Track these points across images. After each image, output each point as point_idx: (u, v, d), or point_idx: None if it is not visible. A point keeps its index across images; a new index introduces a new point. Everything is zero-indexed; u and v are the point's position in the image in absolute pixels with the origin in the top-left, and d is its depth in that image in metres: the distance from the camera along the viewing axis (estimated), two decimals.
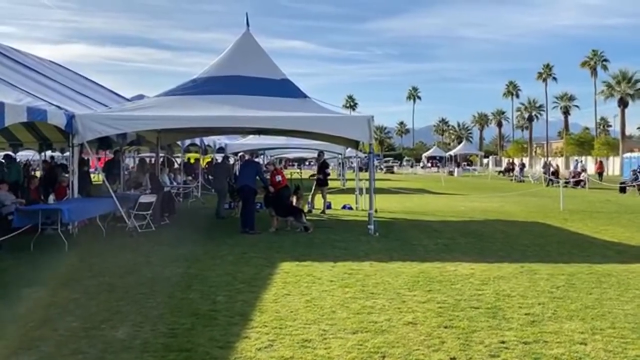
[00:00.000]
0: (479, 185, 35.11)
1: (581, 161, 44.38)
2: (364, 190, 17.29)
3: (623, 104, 62.96)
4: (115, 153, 16.38)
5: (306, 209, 15.62)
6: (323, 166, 17.41)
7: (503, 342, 4.99)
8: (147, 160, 20.50)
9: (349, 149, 21.85)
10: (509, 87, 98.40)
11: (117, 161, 16.11)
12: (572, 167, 41.47)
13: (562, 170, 47.75)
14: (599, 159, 49.60)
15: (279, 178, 13.52)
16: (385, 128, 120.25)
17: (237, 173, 15.62)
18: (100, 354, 4.73)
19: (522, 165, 46.05)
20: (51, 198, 11.48)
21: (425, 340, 5.05)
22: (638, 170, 28.61)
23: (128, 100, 16.92)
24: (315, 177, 17.33)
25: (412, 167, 77.09)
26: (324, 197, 16.99)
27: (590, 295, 6.71)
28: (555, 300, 6.44)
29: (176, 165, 24.31)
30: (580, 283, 7.33)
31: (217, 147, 24.81)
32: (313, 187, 17.19)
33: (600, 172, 38.85)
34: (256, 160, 13.50)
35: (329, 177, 17.56)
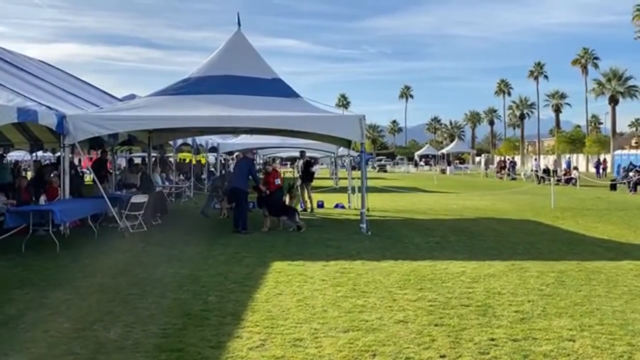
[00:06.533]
0: (471, 184, 35.25)
1: (536, 159, 46.82)
2: (357, 189, 17.33)
3: (614, 101, 63.34)
4: (102, 153, 16.34)
5: (299, 208, 15.64)
6: (307, 165, 17.58)
7: (492, 340, 5.04)
8: (136, 160, 20.49)
9: (342, 148, 21.89)
10: (500, 85, 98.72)
11: (104, 161, 16.08)
12: (533, 165, 42.49)
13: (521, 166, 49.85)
14: (603, 157, 50.24)
15: (278, 181, 13.50)
16: (378, 127, 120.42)
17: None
18: (92, 354, 4.73)
19: (513, 164, 46.36)
20: (42, 199, 11.43)
21: (416, 338, 5.09)
22: (630, 168, 28.90)
23: (119, 100, 16.88)
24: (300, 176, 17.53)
25: (407, 165, 77.40)
26: (308, 193, 17.03)
27: (579, 292, 6.78)
28: (544, 298, 6.50)
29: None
30: (570, 280, 7.40)
31: (210, 146, 24.78)
32: (299, 187, 17.20)
33: (604, 169, 40.78)
34: (250, 157, 13.42)
35: (313, 175, 17.83)
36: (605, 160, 46.40)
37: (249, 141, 24.24)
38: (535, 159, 47.77)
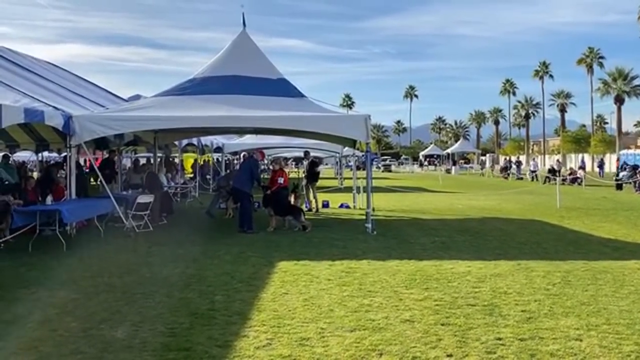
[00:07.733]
0: (476, 184, 35.17)
1: (534, 159, 47.21)
2: (362, 189, 17.33)
3: (619, 101, 63.11)
4: (110, 153, 16.41)
5: (304, 208, 15.65)
6: (312, 165, 17.61)
7: (499, 339, 5.03)
8: (141, 161, 20.55)
9: (347, 147, 21.89)
10: (505, 85, 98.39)
11: (111, 161, 16.13)
12: (531, 165, 42.60)
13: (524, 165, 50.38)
14: (615, 157, 50.07)
15: (281, 180, 13.50)
16: (383, 127, 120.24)
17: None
18: (100, 353, 4.75)
19: (519, 163, 46.28)
20: (49, 199, 11.46)
21: (422, 338, 5.08)
22: (623, 167, 28.87)
23: (125, 100, 16.94)
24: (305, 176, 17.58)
25: (411, 165, 77.45)
26: (314, 193, 17.04)
27: (586, 292, 6.76)
28: (551, 297, 6.48)
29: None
30: (576, 280, 7.38)
31: (215, 146, 24.83)
32: (304, 187, 17.23)
33: (618, 167, 40.81)
34: (255, 157, 13.40)
35: (318, 175, 17.85)
36: (618, 159, 46.23)
37: (253, 141, 24.30)
38: (534, 159, 47.73)
